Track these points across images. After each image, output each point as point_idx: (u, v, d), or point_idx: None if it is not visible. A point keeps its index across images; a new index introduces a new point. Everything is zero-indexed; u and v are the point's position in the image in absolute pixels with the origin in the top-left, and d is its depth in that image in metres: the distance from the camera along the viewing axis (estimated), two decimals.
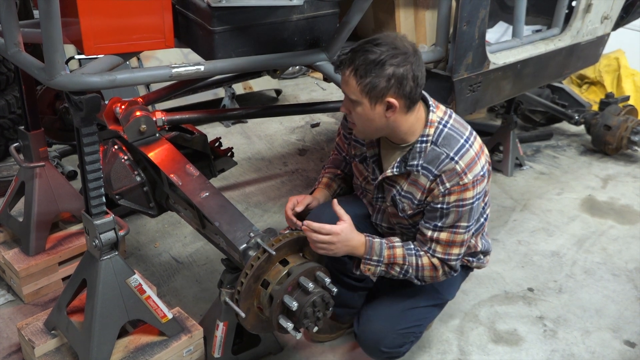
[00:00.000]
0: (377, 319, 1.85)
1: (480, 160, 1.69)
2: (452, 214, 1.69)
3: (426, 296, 1.91)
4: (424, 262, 1.75)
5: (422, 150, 1.70)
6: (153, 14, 1.78)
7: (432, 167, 1.68)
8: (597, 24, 2.93)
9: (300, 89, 4.98)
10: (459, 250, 1.75)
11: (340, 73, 1.63)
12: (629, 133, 3.74)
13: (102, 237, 1.75)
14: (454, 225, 1.71)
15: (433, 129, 1.69)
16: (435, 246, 1.74)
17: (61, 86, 1.55)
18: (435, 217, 1.71)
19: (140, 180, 2.17)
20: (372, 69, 1.55)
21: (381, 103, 1.59)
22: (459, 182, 1.65)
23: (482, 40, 2.20)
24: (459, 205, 1.68)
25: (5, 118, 3.29)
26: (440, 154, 1.67)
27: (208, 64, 1.80)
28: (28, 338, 1.94)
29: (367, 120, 1.64)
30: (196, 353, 2.00)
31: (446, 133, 1.69)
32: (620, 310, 2.46)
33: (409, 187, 1.75)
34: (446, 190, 1.66)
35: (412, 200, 1.75)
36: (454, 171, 1.65)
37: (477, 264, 1.98)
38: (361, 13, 1.88)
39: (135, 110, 2.09)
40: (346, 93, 1.64)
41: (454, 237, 1.72)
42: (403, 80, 1.56)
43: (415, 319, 1.88)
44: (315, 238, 1.68)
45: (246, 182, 3.42)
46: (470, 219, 1.72)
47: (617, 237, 2.98)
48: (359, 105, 1.62)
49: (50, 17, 1.43)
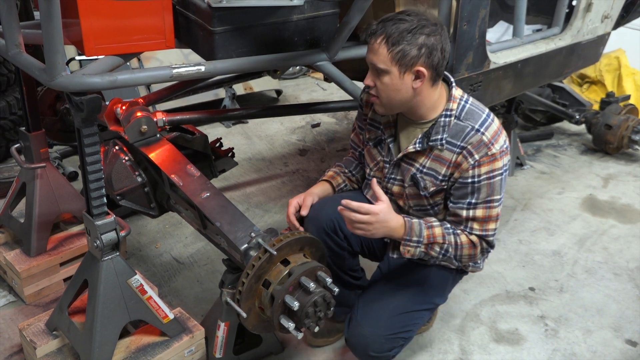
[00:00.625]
0: (366, 324, 1.83)
1: (503, 134, 1.72)
2: (483, 187, 1.68)
3: (416, 300, 1.87)
4: (463, 240, 1.73)
5: (446, 124, 1.70)
6: (153, 14, 1.78)
7: (456, 141, 1.69)
8: (598, 23, 2.93)
9: (300, 89, 4.98)
10: (494, 225, 1.74)
11: (369, 43, 1.63)
12: (630, 132, 3.74)
13: (103, 237, 1.75)
14: (488, 200, 1.70)
15: (456, 104, 1.71)
16: (472, 224, 1.73)
17: (62, 87, 1.55)
18: (467, 194, 1.70)
19: (141, 181, 2.17)
20: (404, 37, 1.57)
21: (410, 72, 1.61)
22: (487, 152, 1.66)
23: (483, 40, 2.20)
24: (490, 177, 1.68)
25: (5, 119, 3.30)
26: (465, 127, 1.68)
27: (209, 64, 1.80)
28: (30, 339, 1.94)
29: (393, 91, 1.64)
30: (197, 353, 2.01)
31: (468, 108, 1.71)
32: (621, 310, 2.46)
33: (432, 164, 1.74)
34: (475, 162, 1.66)
35: (435, 177, 1.74)
36: (481, 142, 1.66)
37: (472, 268, 1.96)
38: (361, 13, 1.89)
39: (136, 111, 2.09)
40: (374, 63, 1.63)
41: (490, 212, 1.71)
42: (433, 51, 1.59)
43: (404, 324, 1.85)
44: (353, 217, 1.64)
45: (247, 182, 3.43)
46: (502, 190, 1.72)
47: (618, 237, 2.98)
48: (386, 74, 1.62)
49: (51, 18, 1.43)
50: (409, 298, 1.86)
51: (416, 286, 1.88)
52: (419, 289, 1.87)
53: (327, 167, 3.60)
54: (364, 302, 1.90)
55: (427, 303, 1.90)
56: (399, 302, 1.86)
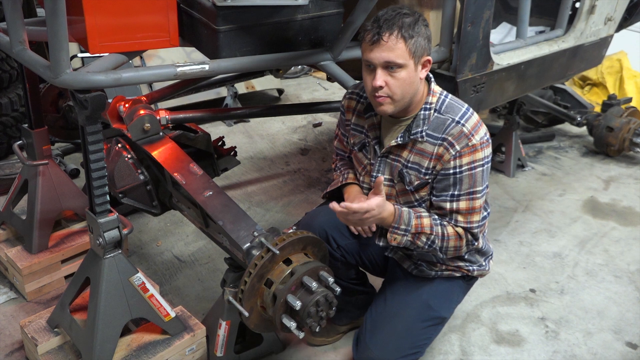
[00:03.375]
0: (375, 348, 1.82)
1: (483, 127, 1.73)
2: (465, 178, 1.69)
3: (422, 317, 1.86)
4: (450, 231, 1.74)
5: (425, 117, 1.72)
6: (158, 12, 1.78)
7: (437, 133, 1.70)
8: (601, 25, 2.93)
9: (302, 88, 4.98)
10: (478, 217, 1.74)
11: (377, 41, 1.60)
12: (632, 135, 3.74)
13: (105, 235, 1.75)
14: (470, 191, 1.71)
15: (436, 98, 1.73)
16: (456, 216, 1.73)
17: (67, 84, 1.55)
18: (449, 185, 1.71)
19: (143, 179, 2.17)
20: (414, 29, 1.60)
21: (420, 62, 1.65)
22: (468, 143, 1.67)
23: (487, 41, 2.20)
24: (472, 167, 1.69)
25: (7, 116, 3.29)
26: (446, 120, 1.70)
27: (213, 63, 1.80)
28: (31, 336, 1.94)
29: (409, 84, 1.65)
30: (198, 352, 2.01)
31: (448, 102, 1.74)
32: (622, 312, 2.46)
33: (415, 157, 1.75)
34: (457, 152, 1.67)
35: (418, 171, 1.75)
36: (461, 133, 1.67)
37: (479, 272, 1.95)
38: (366, 13, 1.89)
39: (139, 109, 2.09)
40: (390, 59, 1.60)
41: (473, 204, 1.72)
42: (430, 38, 1.66)
43: (412, 345, 1.84)
44: (350, 218, 1.66)
45: (248, 181, 3.43)
46: (484, 182, 1.73)
47: (619, 239, 2.98)
48: (404, 69, 1.62)
49: (57, 15, 1.43)
50: (415, 316, 1.86)
51: (420, 302, 1.87)
52: (423, 304, 1.86)
53: (328, 166, 3.61)
54: (371, 322, 1.88)
55: (433, 319, 1.88)
56: (405, 323, 1.85)
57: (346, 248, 1.94)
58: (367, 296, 2.15)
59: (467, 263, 1.91)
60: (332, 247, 1.92)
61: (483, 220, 1.78)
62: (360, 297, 2.14)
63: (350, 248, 1.95)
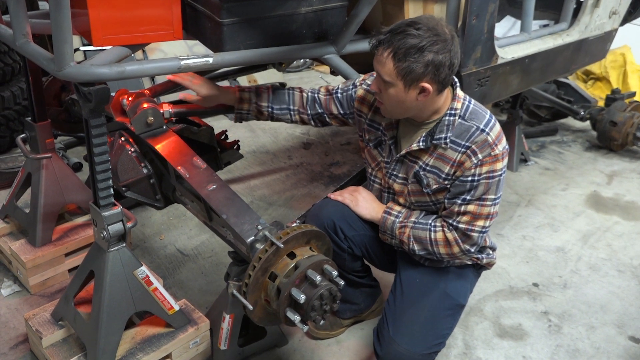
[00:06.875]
0: (401, 341, 1.79)
1: (504, 136, 1.73)
2: (481, 186, 1.69)
3: (443, 305, 1.85)
4: (439, 237, 1.75)
5: (450, 123, 1.70)
6: (161, 5, 1.77)
7: (461, 140, 1.69)
8: (605, 19, 2.92)
9: (304, 82, 4.97)
10: (483, 222, 1.73)
11: (376, 52, 1.62)
12: (635, 129, 3.73)
13: (110, 228, 1.75)
14: (482, 197, 1.71)
15: (460, 104, 1.71)
16: (461, 217, 1.73)
17: (70, 77, 1.54)
18: (464, 191, 1.71)
19: (147, 173, 2.17)
20: (411, 53, 1.54)
21: (415, 87, 1.60)
22: (491, 152, 1.67)
23: (491, 35, 2.19)
24: (489, 176, 1.68)
25: (10, 109, 3.29)
26: (471, 127, 1.68)
27: (216, 56, 1.79)
28: (35, 329, 1.94)
29: (398, 102, 1.65)
30: (202, 345, 2.01)
31: (472, 109, 1.72)
32: (625, 306, 2.46)
33: (435, 162, 1.74)
34: (479, 161, 1.67)
35: (438, 175, 1.74)
36: (485, 142, 1.67)
37: (487, 260, 1.95)
38: (370, 6, 1.88)
39: (142, 102, 2.08)
40: (380, 73, 1.62)
41: (481, 210, 1.72)
42: (440, 67, 1.56)
43: (437, 334, 1.82)
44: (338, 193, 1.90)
45: (251, 175, 3.42)
46: (498, 191, 1.72)
47: (622, 233, 2.98)
48: (392, 86, 1.61)
49: (61, 8, 1.42)
50: (436, 305, 1.84)
51: (439, 290, 1.86)
52: (442, 292, 1.86)
53: (331, 160, 3.61)
54: (391, 315, 1.86)
55: (453, 307, 1.87)
56: (428, 311, 1.83)
57: (353, 239, 1.94)
58: (372, 289, 2.15)
59: (478, 253, 1.91)
60: (340, 238, 1.92)
61: (485, 230, 1.76)
62: (364, 289, 2.14)
63: (357, 240, 1.95)
